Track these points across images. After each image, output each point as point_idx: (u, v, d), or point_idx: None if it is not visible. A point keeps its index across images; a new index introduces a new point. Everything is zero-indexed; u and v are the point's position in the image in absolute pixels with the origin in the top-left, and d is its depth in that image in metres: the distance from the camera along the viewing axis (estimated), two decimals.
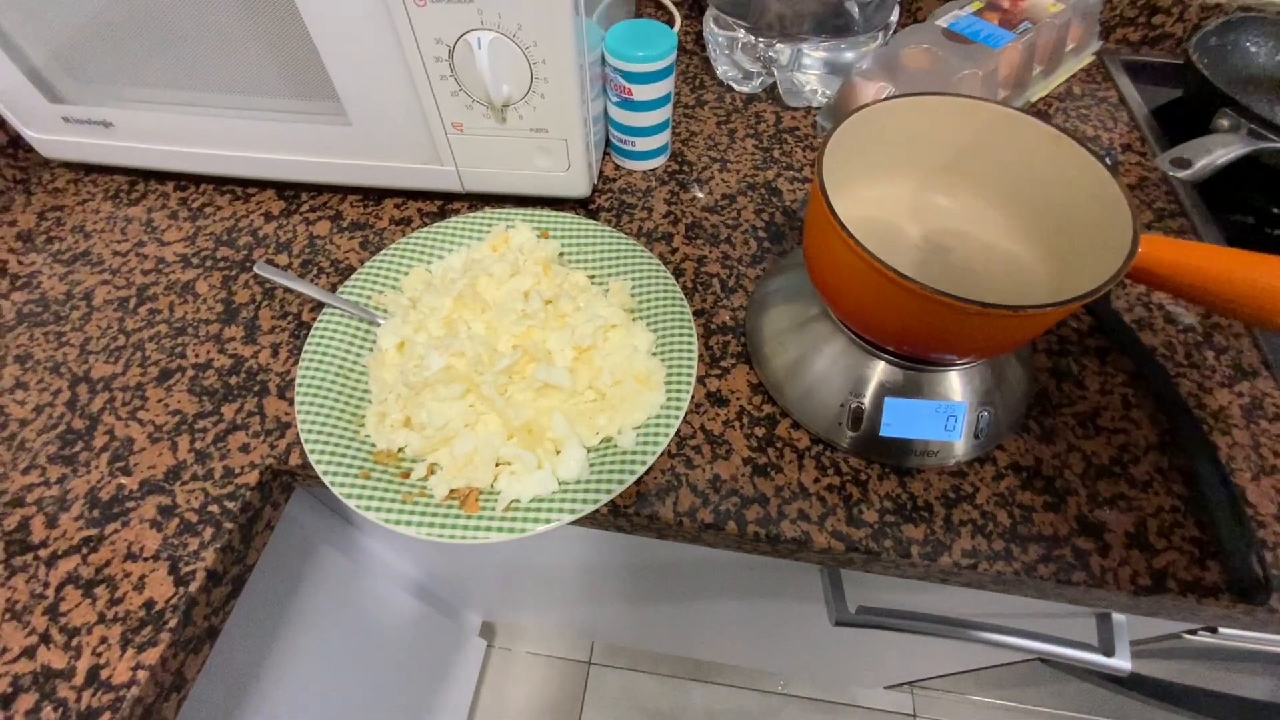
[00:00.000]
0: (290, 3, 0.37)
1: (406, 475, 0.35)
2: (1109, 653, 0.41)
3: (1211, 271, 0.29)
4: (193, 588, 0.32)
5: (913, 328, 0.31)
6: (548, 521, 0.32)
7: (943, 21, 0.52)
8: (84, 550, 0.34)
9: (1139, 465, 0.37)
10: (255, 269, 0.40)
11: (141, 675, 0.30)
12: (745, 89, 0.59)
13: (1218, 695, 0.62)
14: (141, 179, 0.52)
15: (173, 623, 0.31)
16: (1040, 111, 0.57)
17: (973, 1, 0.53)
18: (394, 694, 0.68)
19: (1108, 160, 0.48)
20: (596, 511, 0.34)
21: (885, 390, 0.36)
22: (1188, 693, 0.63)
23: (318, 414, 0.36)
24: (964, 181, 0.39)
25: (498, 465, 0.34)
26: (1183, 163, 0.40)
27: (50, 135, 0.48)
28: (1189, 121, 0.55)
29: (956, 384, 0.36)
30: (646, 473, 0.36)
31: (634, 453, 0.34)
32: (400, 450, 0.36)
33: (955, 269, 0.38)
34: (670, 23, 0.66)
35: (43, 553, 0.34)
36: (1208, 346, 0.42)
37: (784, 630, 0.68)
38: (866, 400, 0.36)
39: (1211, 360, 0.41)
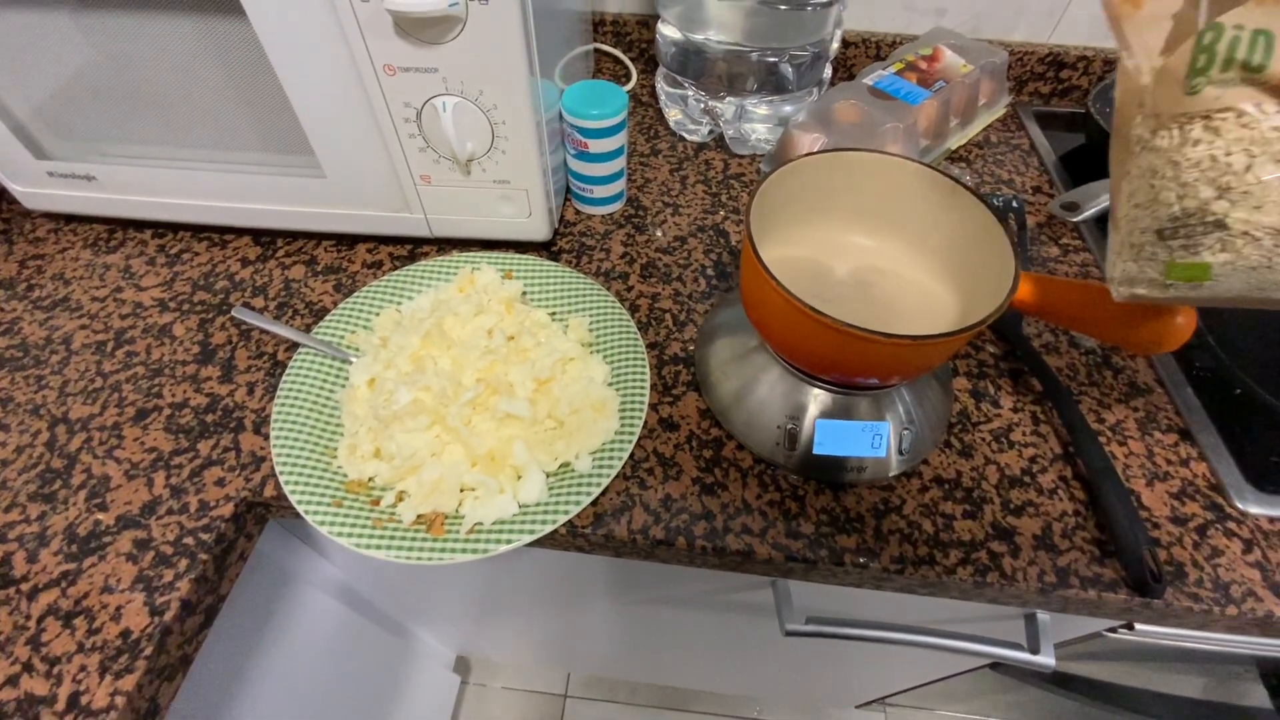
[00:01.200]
0: (269, 69, 0.41)
1: (376, 503, 0.37)
2: (1035, 651, 0.44)
3: (1071, 301, 0.34)
4: (167, 617, 0.34)
5: (833, 356, 0.35)
6: (509, 542, 0.35)
7: (869, 80, 0.58)
8: (63, 584, 0.35)
9: (1046, 475, 0.41)
10: (234, 312, 0.43)
11: (120, 701, 0.31)
12: (695, 138, 0.64)
13: (1160, 696, 0.66)
14: (120, 227, 0.54)
15: (148, 651, 0.33)
16: (959, 158, 0.63)
17: (894, 63, 0.59)
18: None
19: (1014, 203, 0.53)
20: (555, 532, 0.37)
21: (818, 413, 0.40)
22: (1133, 694, 0.67)
23: (292, 447, 0.38)
24: (883, 224, 0.43)
25: (462, 491, 0.37)
26: (1072, 207, 0.45)
27: (35, 189, 0.50)
28: (1092, 165, 0.61)
29: (882, 406, 0.40)
30: (602, 494, 0.39)
31: (590, 476, 0.37)
32: (370, 479, 0.38)
33: (877, 303, 0.42)
34: (627, 77, 0.71)
35: (24, 586, 0.35)
36: (1106, 367, 0.47)
37: (752, 648, 0.70)
38: (802, 423, 0.40)
39: (1110, 379, 0.46)
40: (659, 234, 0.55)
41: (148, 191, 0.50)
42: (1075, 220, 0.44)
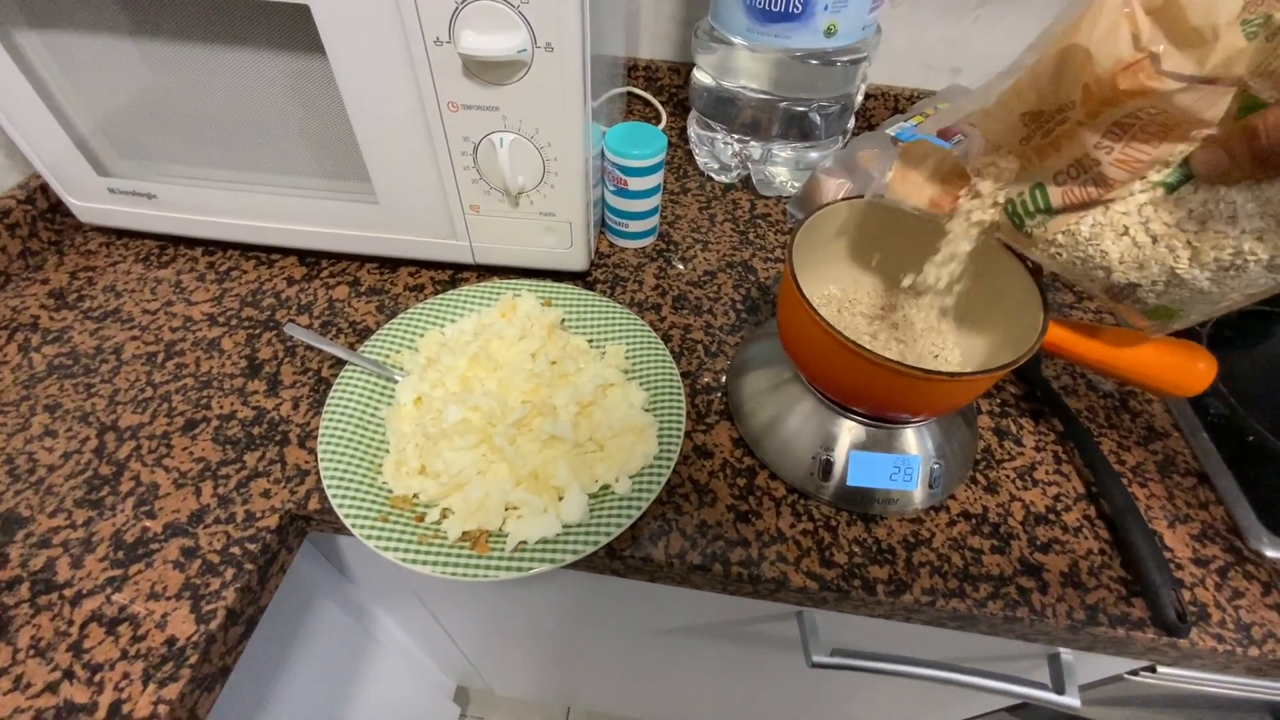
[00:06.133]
0: (339, 101, 0.43)
1: (421, 519, 0.38)
2: (1060, 691, 0.44)
3: (1097, 345, 0.36)
4: (213, 625, 0.34)
5: (871, 390, 0.37)
6: (553, 561, 0.35)
7: (891, 130, 0.62)
8: (108, 590, 0.35)
9: (1070, 513, 0.42)
10: (285, 328, 0.44)
11: (163, 710, 0.31)
12: (723, 179, 0.67)
13: None
14: (171, 244, 0.56)
15: (193, 659, 0.33)
16: None
17: (915, 116, 0.62)
18: None
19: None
20: (594, 554, 0.38)
21: (851, 445, 0.41)
22: None
23: (339, 461, 0.39)
24: (912, 267, 0.45)
25: (507, 509, 0.38)
26: None
27: (93, 204, 0.52)
28: None
29: (912, 440, 0.41)
30: (641, 518, 0.40)
31: (630, 499, 0.38)
32: (415, 496, 0.39)
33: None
34: (656, 118, 0.74)
35: (67, 592, 0.35)
36: (1124, 410, 0.48)
37: (765, 687, 0.69)
38: (835, 454, 0.41)
39: (1128, 422, 0.48)
40: (681, 267, 0.57)
41: (204, 211, 0.52)
42: None
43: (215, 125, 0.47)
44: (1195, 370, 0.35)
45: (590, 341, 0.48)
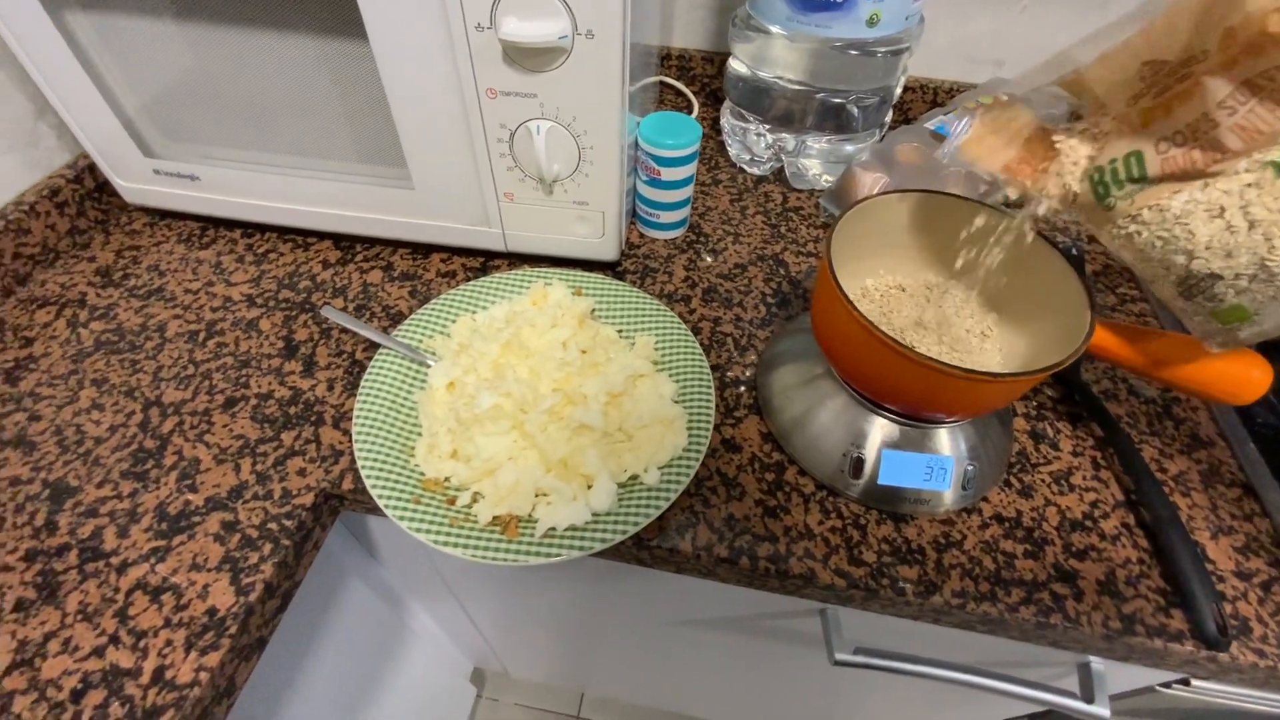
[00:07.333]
0: (379, 86, 0.44)
1: (452, 502, 0.38)
2: (1089, 700, 0.44)
3: (1147, 349, 0.35)
4: (252, 598, 0.35)
5: (907, 389, 0.36)
6: (582, 549, 0.36)
7: (930, 124, 0.60)
8: (152, 559, 0.37)
9: (1108, 520, 0.41)
10: (322, 311, 0.45)
11: (203, 677, 0.32)
12: (755, 171, 0.66)
13: None
14: (212, 226, 0.57)
15: (233, 629, 0.34)
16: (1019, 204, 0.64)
17: (955, 109, 0.61)
18: None
19: (1074, 250, 0.54)
20: (622, 544, 0.38)
21: (882, 443, 0.40)
22: None
23: (373, 443, 0.40)
24: (951, 263, 0.45)
25: (537, 496, 0.38)
26: None
27: (139, 185, 0.54)
28: None
29: (946, 440, 0.41)
30: (669, 509, 0.40)
31: (658, 490, 0.38)
32: (447, 479, 0.39)
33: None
34: (688, 108, 0.74)
35: (114, 560, 0.36)
36: (1167, 417, 0.47)
37: (782, 682, 0.69)
38: (866, 451, 0.40)
39: (1171, 430, 0.46)
40: (710, 259, 0.56)
41: (244, 193, 0.53)
42: None
43: (256, 108, 0.48)
44: (1250, 379, 0.34)
45: (620, 332, 0.48)
